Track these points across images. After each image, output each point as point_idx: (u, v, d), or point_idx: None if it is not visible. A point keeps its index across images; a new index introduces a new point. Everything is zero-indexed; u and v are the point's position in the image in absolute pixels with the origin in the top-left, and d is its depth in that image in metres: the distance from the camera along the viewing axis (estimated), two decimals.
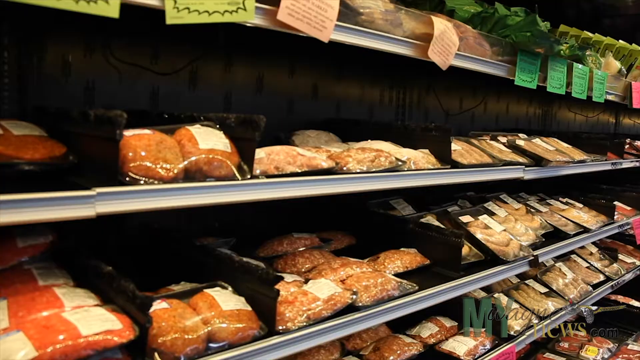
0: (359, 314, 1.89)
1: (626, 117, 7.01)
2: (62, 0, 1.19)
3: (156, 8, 1.39)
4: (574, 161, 3.36)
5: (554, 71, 3.03)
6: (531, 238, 3.03)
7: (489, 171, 2.60)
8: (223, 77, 2.48)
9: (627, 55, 4.36)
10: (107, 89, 2.12)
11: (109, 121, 1.34)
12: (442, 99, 3.73)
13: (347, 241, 2.66)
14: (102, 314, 1.34)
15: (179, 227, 2.21)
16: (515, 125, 4.67)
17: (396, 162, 2.13)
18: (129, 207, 1.35)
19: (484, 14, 2.79)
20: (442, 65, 2.27)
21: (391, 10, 2.10)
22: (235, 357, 1.53)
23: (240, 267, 1.76)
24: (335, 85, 3.00)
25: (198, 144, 1.57)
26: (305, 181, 1.76)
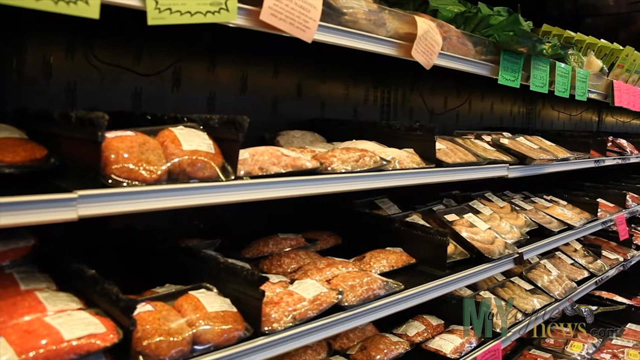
0: (344, 314, 1.89)
1: (608, 115, 7.08)
2: (41, 1, 1.18)
3: (137, 9, 1.38)
4: (557, 159, 3.39)
5: (536, 70, 3.05)
6: (516, 236, 3.06)
7: (473, 170, 2.61)
8: (207, 78, 2.47)
9: (609, 54, 4.41)
10: (89, 91, 2.10)
11: (90, 123, 1.33)
12: (426, 98, 3.75)
13: (333, 241, 2.66)
14: (85, 318, 1.33)
15: (164, 228, 2.19)
16: (499, 124, 4.69)
17: (381, 162, 2.13)
18: (112, 209, 1.34)
19: (467, 14, 2.80)
20: (425, 64, 2.28)
21: (374, 10, 2.10)
22: (220, 358, 1.52)
23: (225, 268, 1.75)
24: (319, 85, 2.99)
25: (181, 145, 1.56)
26: (289, 182, 1.76)
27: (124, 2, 1.35)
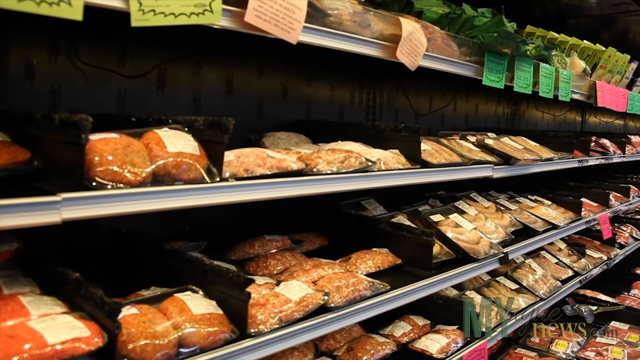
0: (331, 315, 1.89)
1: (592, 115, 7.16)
2: (23, 2, 1.17)
3: (121, 10, 1.37)
4: (541, 159, 3.42)
5: (520, 71, 3.08)
6: (501, 236, 3.08)
7: (458, 170, 2.63)
8: (192, 80, 2.46)
9: (592, 55, 4.45)
10: (73, 93, 2.08)
11: (74, 125, 1.32)
12: (412, 99, 3.76)
13: (319, 242, 2.66)
14: (69, 322, 1.32)
15: (149, 231, 2.18)
16: (484, 125, 4.72)
17: (366, 163, 2.14)
18: (96, 212, 1.33)
19: (452, 15, 2.82)
20: (410, 65, 2.29)
21: (359, 11, 2.10)
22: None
23: (210, 270, 1.75)
24: (305, 87, 3.00)
25: (166, 147, 1.55)
26: (274, 183, 1.76)
27: (107, 4, 1.34)
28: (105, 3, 1.33)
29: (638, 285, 5.44)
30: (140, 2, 1.38)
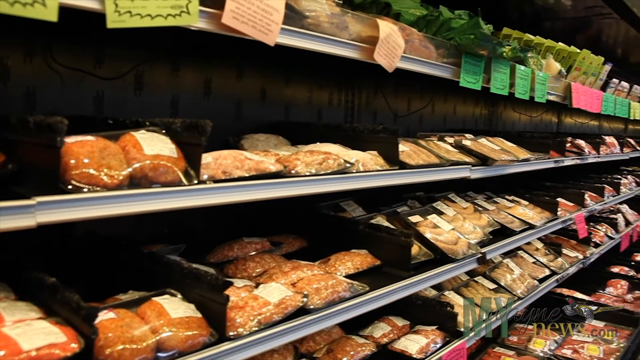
0: (310, 317, 1.89)
1: (567, 116, 7.26)
2: None
3: (97, 11, 1.36)
4: (518, 160, 3.46)
5: (497, 72, 3.11)
6: (479, 236, 3.10)
7: (436, 171, 2.64)
8: (170, 81, 2.45)
9: (567, 57, 4.51)
10: (49, 95, 2.06)
11: (49, 128, 1.30)
12: (390, 100, 3.78)
13: (299, 244, 2.66)
14: (44, 327, 1.30)
15: (127, 234, 2.16)
16: (462, 126, 4.76)
17: (344, 165, 2.15)
18: (72, 216, 1.31)
19: (429, 17, 2.84)
20: (388, 67, 2.30)
21: (337, 13, 2.11)
22: None
23: (189, 273, 1.74)
24: (283, 88, 3.00)
25: (143, 149, 1.54)
26: (252, 185, 1.76)
27: (82, 5, 1.33)
28: (80, 4, 1.32)
29: (613, 283, 5.54)
30: (116, 4, 1.37)
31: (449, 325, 2.82)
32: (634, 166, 7.42)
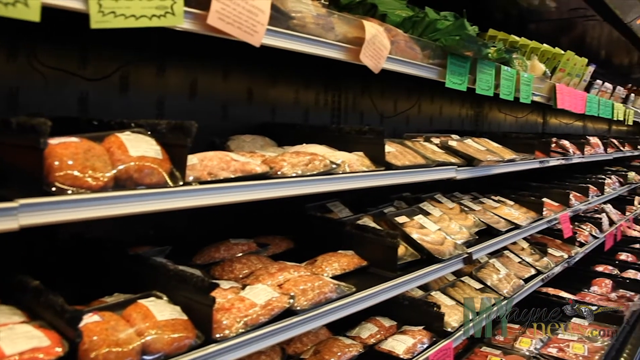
0: (296, 318, 1.89)
1: (552, 117, 7.32)
2: None
3: (80, 12, 1.35)
4: (504, 160, 3.48)
5: (482, 74, 3.12)
6: (465, 236, 3.11)
7: (422, 172, 2.65)
8: (155, 82, 2.43)
9: (551, 58, 4.55)
10: (33, 96, 2.04)
11: (32, 129, 1.29)
12: (376, 101, 3.79)
13: (285, 245, 2.65)
14: (28, 331, 1.29)
15: (113, 236, 2.15)
16: (448, 126, 4.78)
17: (330, 165, 2.15)
18: (55, 218, 1.30)
19: (415, 19, 2.85)
20: (374, 68, 2.31)
21: (323, 14, 2.11)
22: None
23: (175, 275, 1.73)
24: (270, 89, 2.99)
25: (128, 151, 1.53)
26: (238, 187, 1.75)
27: (65, 5, 1.32)
28: (63, 4, 1.31)
29: (597, 282, 5.60)
30: (100, 4, 1.36)
31: (436, 326, 2.83)
32: (617, 166, 7.50)
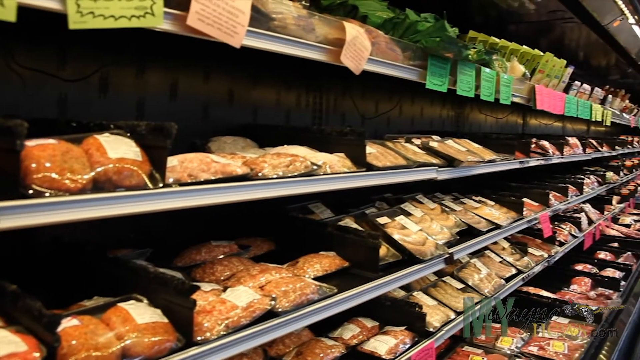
0: (278, 320, 1.89)
1: (532, 118, 7.39)
2: None
3: (58, 12, 1.33)
4: (484, 161, 3.50)
5: (463, 75, 3.14)
6: (446, 236, 3.13)
7: (403, 173, 2.66)
8: (135, 84, 2.41)
9: (531, 59, 4.60)
10: (11, 97, 2.01)
11: (8, 131, 1.27)
12: (358, 102, 3.79)
13: (267, 247, 2.65)
14: (4, 337, 1.27)
15: (93, 239, 2.12)
16: (429, 127, 4.80)
17: (312, 167, 2.15)
18: (33, 221, 1.28)
19: (396, 20, 2.86)
20: (354, 69, 2.31)
21: (304, 15, 2.11)
22: None
23: (155, 278, 1.72)
24: (251, 90, 2.98)
25: (107, 153, 1.52)
26: (219, 188, 1.74)
27: (42, 5, 1.30)
28: (40, 4, 1.29)
29: (577, 281, 5.66)
30: (79, 4, 1.35)
31: (418, 326, 2.84)
32: (596, 166, 7.60)
